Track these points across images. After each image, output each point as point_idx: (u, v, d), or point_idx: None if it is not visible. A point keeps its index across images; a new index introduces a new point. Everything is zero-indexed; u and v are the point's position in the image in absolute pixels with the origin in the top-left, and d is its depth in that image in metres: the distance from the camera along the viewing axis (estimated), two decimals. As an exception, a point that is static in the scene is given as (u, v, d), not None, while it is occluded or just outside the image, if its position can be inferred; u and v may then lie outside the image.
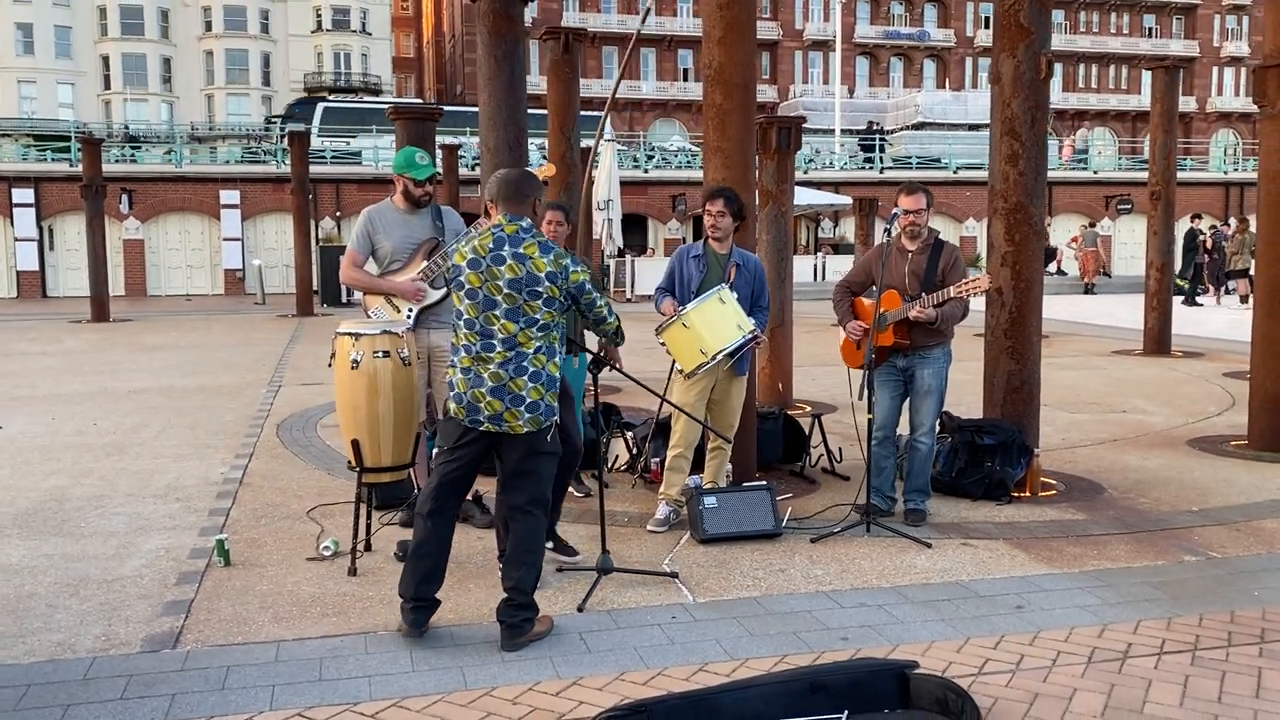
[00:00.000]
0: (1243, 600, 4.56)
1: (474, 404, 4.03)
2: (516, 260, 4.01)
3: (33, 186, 30.35)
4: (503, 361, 4.01)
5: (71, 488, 6.72)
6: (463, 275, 4.07)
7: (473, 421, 4.05)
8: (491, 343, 4.03)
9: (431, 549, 4.15)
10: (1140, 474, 7.00)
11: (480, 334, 4.04)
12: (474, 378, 4.03)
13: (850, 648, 4.04)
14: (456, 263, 4.12)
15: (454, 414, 4.08)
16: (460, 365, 4.08)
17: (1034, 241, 6.55)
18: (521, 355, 4.02)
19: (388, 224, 5.56)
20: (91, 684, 3.76)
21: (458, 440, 4.11)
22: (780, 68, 61.41)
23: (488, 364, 4.02)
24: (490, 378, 4.01)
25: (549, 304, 4.04)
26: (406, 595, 4.13)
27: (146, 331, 18.81)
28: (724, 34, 6.16)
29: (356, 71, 59.38)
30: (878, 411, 5.80)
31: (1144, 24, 66.11)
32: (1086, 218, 34.87)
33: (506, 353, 4.01)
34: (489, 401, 4.01)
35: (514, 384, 4.01)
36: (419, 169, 5.52)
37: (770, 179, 9.41)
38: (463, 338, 4.09)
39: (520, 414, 4.01)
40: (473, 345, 4.05)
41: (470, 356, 4.06)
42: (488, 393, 4.01)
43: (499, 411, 4.01)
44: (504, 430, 4.03)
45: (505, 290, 4.00)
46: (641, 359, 11.08)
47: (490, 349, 4.03)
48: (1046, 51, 6.41)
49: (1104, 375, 11.99)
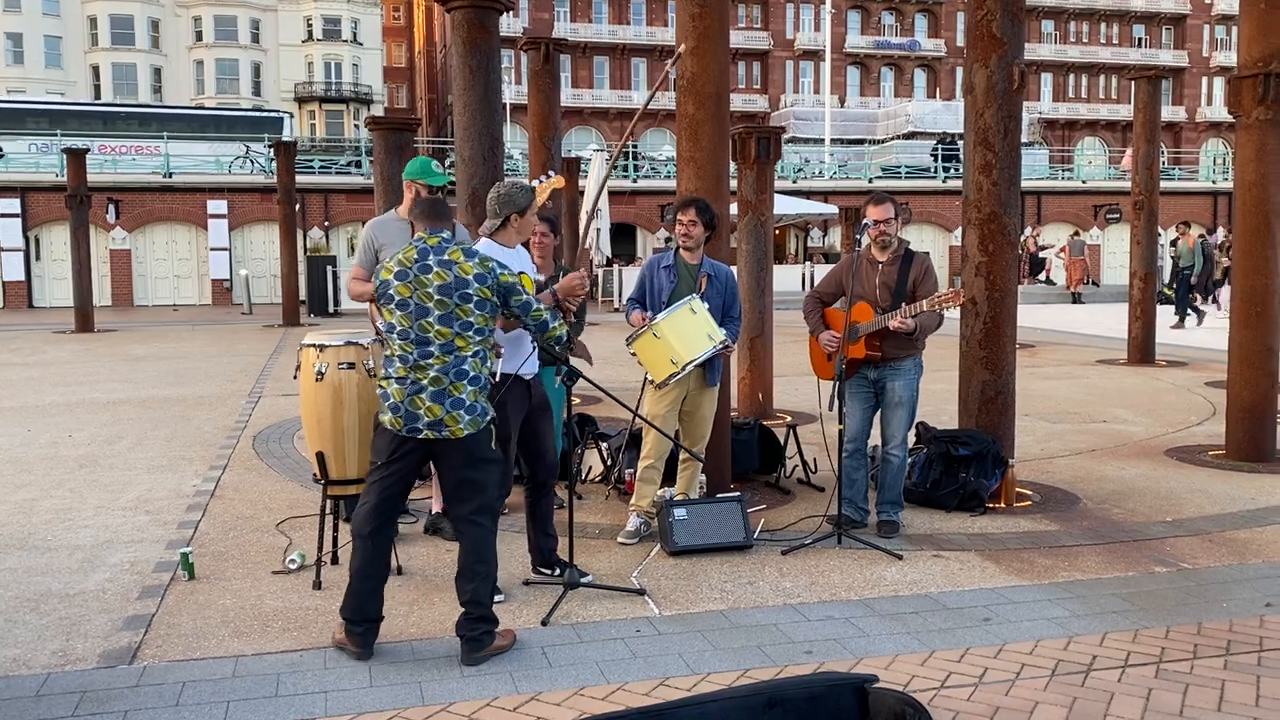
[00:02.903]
0: (1211, 612, 4.54)
1: (413, 411, 4.00)
2: (443, 267, 4.05)
3: (19, 196, 30.23)
4: (442, 367, 4.01)
5: (40, 500, 6.67)
6: (391, 289, 4.08)
7: (410, 430, 4.02)
8: (429, 349, 4.02)
9: (376, 569, 4.11)
10: (1117, 484, 6.98)
11: (416, 342, 4.03)
12: (411, 385, 4.01)
13: (814, 661, 4.01)
14: (383, 277, 4.13)
15: (389, 425, 4.04)
16: (395, 375, 4.06)
17: (1008, 251, 6.54)
18: (461, 359, 4.03)
19: (391, 235, 5.55)
20: (44, 700, 3.71)
21: (393, 453, 4.07)
22: (771, 77, 61.53)
23: (426, 371, 4.01)
24: (430, 383, 4.00)
25: (480, 306, 4.06)
26: (356, 618, 4.07)
27: (130, 342, 18.73)
28: (697, 44, 6.15)
29: (348, 81, 59.36)
30: (849, 423, 5.78)
31: (1133, 34, 66.40)
32: (1075, 227, 34.95)
33: (445, 357, 4.02)
34: (429, 407, 3.99)
35: (454, 388, 4.01)
36: (434, 176, 5.56)
37: (750, 189, 9.40)
38: (397, 348, 4.07)
39: (460, 417, 4.01)
40: (409, 354, 4.03)
41: (406, 366, 4.03)
42: (428, 398, 3.99)
43: (439, 417, 3.99)
44: (444, 436, 4.02)
45: (436, 297, 4.03)
46: (619, 369, 11.07)
47: (428, 355, 4.02)
48: (1019, 62, 6.41)
49: (1087, 385, 11.99)
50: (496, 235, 4.73)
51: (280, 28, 58.91)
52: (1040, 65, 62.38)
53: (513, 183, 4.82)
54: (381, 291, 4.12)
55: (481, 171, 7.13)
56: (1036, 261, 30.56)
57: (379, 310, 4.19)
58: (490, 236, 4.74)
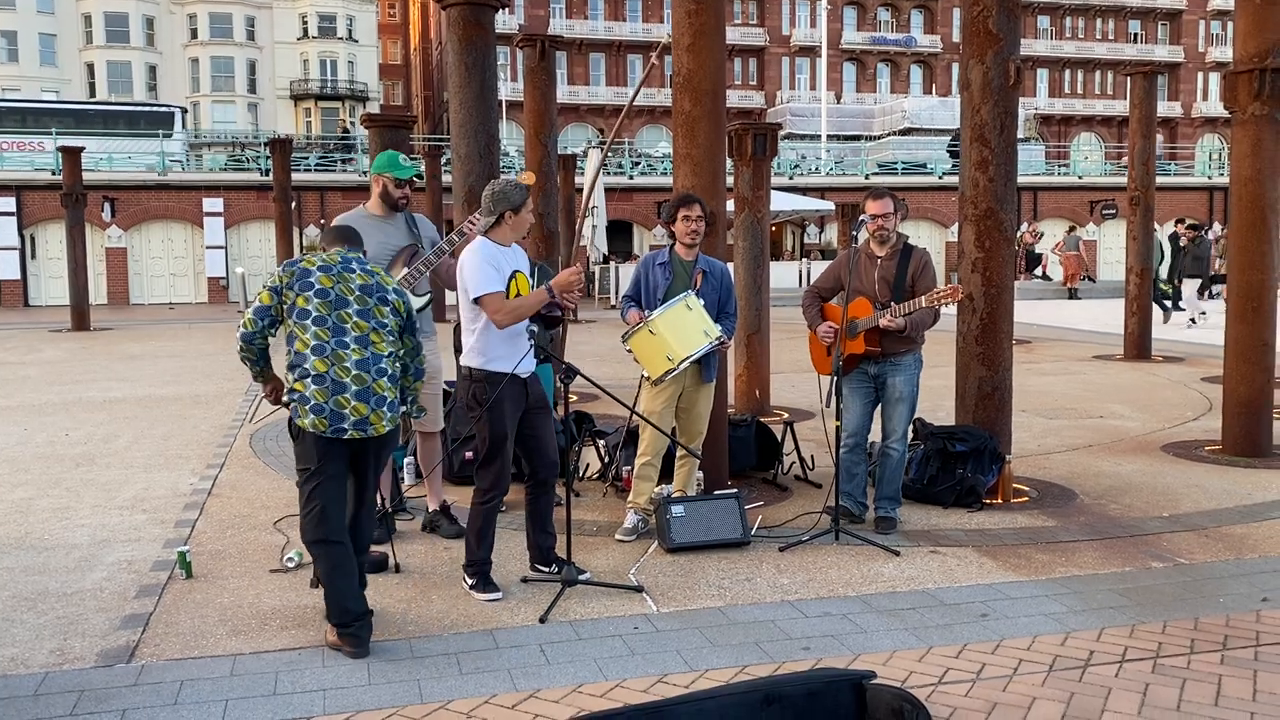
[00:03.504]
0: (1208, 607, 4.55)
1: (337, 412, 4.02)
2: (365, 272, 4.25)
3: (14, 195, 30.19)
4: (360, 360, 4.07)
5: (37, 499, 6.66)
6: (313, 276, 4.14)
7: (335, 431, 4.02)
8: (345, 340, 4.08)
9: (349, 567, 4.13)
10: (1114, 480, 6.99)
11: (333, 330, 4.08)
12: (333, 385, 4.03)
13: (811, 658, 4.02)
14: (304, 266, 4.18)
15: (312, 427, 4.01)
16: (314, 372, 4.03)
17: (1004, 247, 6.54)
18: (378, 356, 4.13)
19: (363, 231, 5.52)
20: (42, 699, 3.71)
21: (322, 457, 4.07)
22: (767, 74, 61.48)
23: (343, 362, 4.05)
24: (353, 380, 4.04)
25: (395, 314, 4.23)
26: (345, 620, 4.05)
27: (126, 340, 18.71)
28: (693, 41, 6.14)
29: (343, 79, 59.27)
30: (848, 419, 5.79)
31: (1129, 30, 66.41)
32: (1071, 222, 35.00)
33: (362, 350, 4.09)
34: (354, 406, 4.03)
35: (376, 385, 4.10)
36: (402, 169, 5.52)
37: (746, 185, 9.40)
38: (312, 336, 4.06)
39: (384, 414, 4.11)
40: (325, 343, 4.06)
41: (324, 359, 4.04)
42: (352, 397, 4.04)
43: (365, 415, 4.05)
44: (368, 435, 4.07)
45: (357, 292, 4.17)
46: (615, 366, 11.07)
47: (344, 345, 4.07)
48: (1015, 58, 6.41)
49: (1083, 380, 12.00)
50: (491, 233, 4.72)
51: (275, 25, 58.80)
52: (1036, 61, 62.38)
53: (507, 180, 4.82)
54: (301, 278, 4.13)
55: (478, 169, 7.14)
56: (1033, 257, 30.56)
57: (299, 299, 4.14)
58: (485, 234, 4.73)
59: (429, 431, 5.76)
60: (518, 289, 4.70)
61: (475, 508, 4.74)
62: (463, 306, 4.73)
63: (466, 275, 4.61)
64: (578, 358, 9.73)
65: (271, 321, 4.16)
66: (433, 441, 5.82)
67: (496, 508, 4.80)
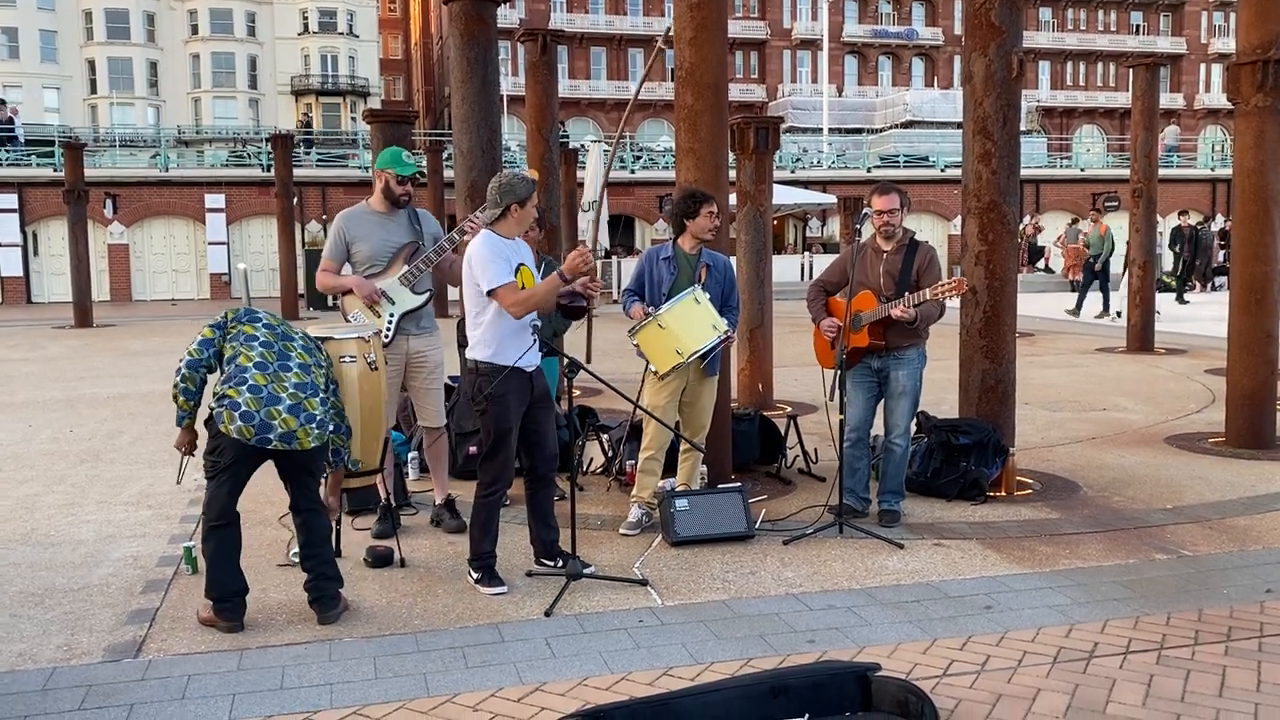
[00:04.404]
0: (1212, 598, 4.56)
1: (267, 422, 4.13)
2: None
3: (16, 191, 30.19)
4: (299, 384, 4.24)
5: (43, 495, 6.68)
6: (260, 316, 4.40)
7: (260, 441, 4.13)
8: (289, 364, 4.29)
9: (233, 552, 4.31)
10: (1117, 472, 7.00)
11: (278, 355, 4.29)
12: (269, 396, 4.16)
13: (816, 650, 4.03)
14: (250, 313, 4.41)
15: (238, 434, 4.11)
16: (252, 382, 4.17)
17: (1007, 240, 6.54)
18: (316, 386, 4.29)
19: (364, 228, 5.52)
20: (50, 694, 3.72)
21: (236, 458, 4.20)
22: (769, 67, 61.39)
23: (283, 382, 4.22)
24: (289, 397, 4.19)
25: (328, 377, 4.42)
26: (225, 595, 4.26)
27: (129, 337, 18.73)
28: (695, 34, 6.14)
29: (344, 74, 59.20)
30: (852, 412, 5.80)
31: (1131, 21, 66.25)
32: (1073, 215, 34.93)
33: (303, 376, 4.28)
34: (284, 419, 4.16)
35: (308, 403, 4.24)
36: (404, 165, 5.51)
37: (748, 179, 9.40)
38: (258, 354, 4.25)
39: (311, 430, 4.22)
40: (270, 363, 4.25)
41: (265, 375, 4.20)
42: (284, 410, 4.17)
43: (293, 429, 4.17)
44: (293, 448, 4.20)
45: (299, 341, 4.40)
46: (618, 361, 11.07)
47: (287, 369, 4.27)
48: (1018, 51, 6.40)
49: (1086, 373, 12.00)
50: (496, 225, 4.73)
51: (276, 20, 58.74)
52: (1038, 53, 62.21)
53: (513, 173, 4.83)
54: (248, 315, 4.39)
55: (480, 164, 7.13)
56: (1035, 250, 30.50)
57: None
58: (489, 227, 4.73)
59: (432, 427, 5.77)
60: (522, 282, 4.71)
61: (478, 502, 4.75)
62: (469, 300, 4.73)
63: (477, 269, 4.62)
64: (580, 352, 9.73)
65: (215, 353, 4.30)
66: (437, 437, 5.82)
67: (500, 502, 4.82)
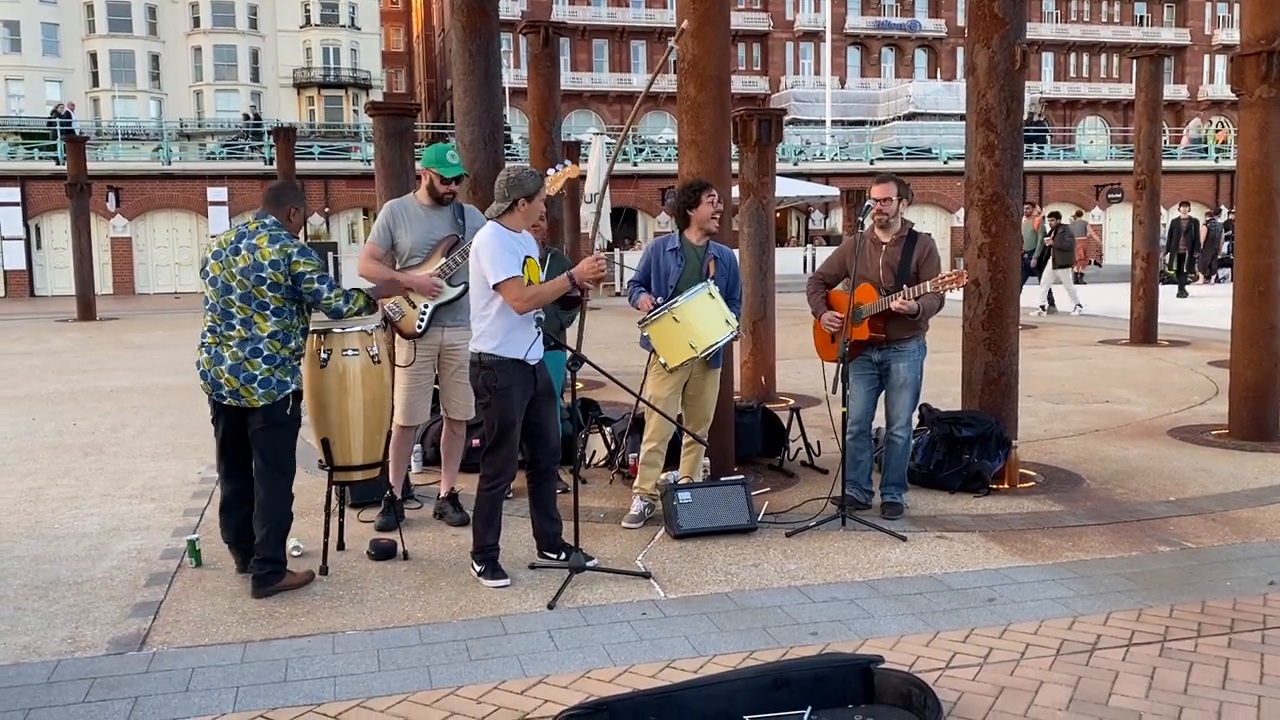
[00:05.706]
0: (1215, 591, 4.56)
1: (216, 380, 4.55)
2: (248, 250, 4.53)
3: (19, 185, 30.18)
4: (240, 340, 4.50)
5: (47, 488, 6.69)
6: (208, 265, 4.62)
7: (217, 396, 4.57)
8: (231, 322, 4.53)
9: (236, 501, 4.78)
10: (1120, 464, 6.99)
11: (222, 315, 4.55)
12: (215, 355, 4.55)
13: (819, 642, 4.03)
14: (204, 255, 4.68)
15: (203, 389, 4.63)
16: (206, 344, 4.59)
17: (1011, 232, 6.53)
18: (257, 338, 4.51)
19: (409, 219, 5.52)
20: (54, 687, 3.73)
21: (214, 418, 4.71)
22: (771, 59, 61.30)
23: (228, 342, 4.52)
24: (230, 356, 4.51)
25: (274, 289, 4.50)
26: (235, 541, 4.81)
27: (132, 330, 18.74)
28: (698, 27, 6.13)
29: (346, 66, 59.18)
30: (853, 405, 5.79)
31: (1135, 12, 66.09)
32: (1077, 207, 34.88)
33: (244, 331, 4.50)
34: (227, 379, 4.51)
35: (249, 364, 4.50)
36: (448, 167, 5.50)
37: (751, 171, 9.38)
38: (207, 320, 4.60)
39: (254, 389, 4.50)
40: (217, 325, 4.57)
41: (215, 336, 4.56)
42: (226, 370, 4.51)
43: (236, 388, 4.51)
44: (243, 405, 4.54)
45: (238, 276, 4.51)
46: (621, 354, 11.07)
47: (230, 328, 4.53)
48: (1021, 42, 6.39)
49: (1089, 365, 11.99)
50: (503, 219, 4.73)
51: (278, 13, 58.67)
52: (1041, 44, 62.09)
53: (521, 167, 4.84)
54: (201, 268, 4.68)
55: (482, 156, 7.13)
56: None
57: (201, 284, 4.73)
58: (497, 220, 4.73)
59: (457, 419, 5.75)
60: (528, 275, 4.71)
61: (481, 494, 4.76)
62: (475, 292, 4.74)
63: (485, 261, 4.62)
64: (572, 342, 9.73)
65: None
66: (458, 429, 5.81)
67: (503, 494, 4.82)
